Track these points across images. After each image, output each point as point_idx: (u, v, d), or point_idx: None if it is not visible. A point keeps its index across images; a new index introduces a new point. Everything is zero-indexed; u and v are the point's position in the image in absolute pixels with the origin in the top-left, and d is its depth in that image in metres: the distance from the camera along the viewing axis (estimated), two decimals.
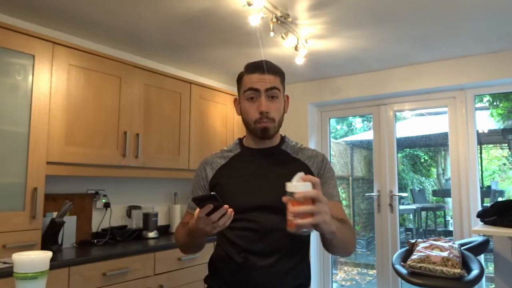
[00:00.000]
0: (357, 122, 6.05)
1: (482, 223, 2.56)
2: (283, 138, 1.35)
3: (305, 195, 0.86)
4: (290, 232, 0.89)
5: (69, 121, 2.32)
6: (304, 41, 2.69)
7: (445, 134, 3.36)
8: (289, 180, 0.90)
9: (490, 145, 5.76)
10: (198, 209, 1.03)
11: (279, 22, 2.35)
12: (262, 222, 1.17)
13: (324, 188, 1.17)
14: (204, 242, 1.29)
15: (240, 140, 1.37)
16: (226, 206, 1.02)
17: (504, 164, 5.73)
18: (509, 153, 5.53)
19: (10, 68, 2.08)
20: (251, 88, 1.22)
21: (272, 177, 1.21)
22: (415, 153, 6.50)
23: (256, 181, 1.23)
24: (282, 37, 2.45)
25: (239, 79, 1.30)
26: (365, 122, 5.82)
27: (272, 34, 2.32)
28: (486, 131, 5.10)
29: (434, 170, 6.65)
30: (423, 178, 6.54)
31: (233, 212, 1.05)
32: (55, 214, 2.35)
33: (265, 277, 1.15)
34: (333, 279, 3.92)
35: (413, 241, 2.72)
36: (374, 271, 3.91)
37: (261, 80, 1.21)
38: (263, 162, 1.27)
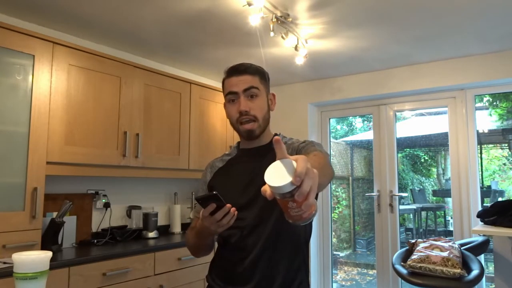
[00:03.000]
0: (357, 122, 6.04)
1: (482, 223, 2.56)
2: (275, 136, 1.35)
3: (305, 191, 0.71)
4: (298, 224, 0.81)
5: (69, 121, 2.33)
6: (304, 41, 2.69)
7: (445, 134, 3.36)
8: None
9: (490, 145, 5.75)
10: (202, 209, 1.05)
11: (279, 22, 2.35)
12: (248, 219, 1.20)
13: (304, 153, 1.14)
14: (213, 243, 1.34)
15: (238, 143, 1.39)
16: (228, 205, 1.04)
17: (504, 164, 5.72)
18: (509, 153, 5.53)
19: (10, 68, 2.08)
20: (230, 91, 1.24)
21: (258, 176, 1.21)
22: (415, 153, 6.50)
23: (243, 181, 1.25)
24: (282, 37, 2.45)
25: (222, 85, 1.32)
26: (365, 122, 5.81)
27: (272, 34, 2.32)
28: (486, 131, 5.10)
29: (434, 170, 6.64)
30: (423, 178, 6.53)
31: (236, 211, 1.07)
32: (55, 214, 2.35)
33: (255, 271, 1.18)
34: (333, 279, 3.92)
35: (413, 241, 2.72)
36: (374, 271, 3.91)
37: (238, 82, 1.23)
38: (252, 162, 1.28)
